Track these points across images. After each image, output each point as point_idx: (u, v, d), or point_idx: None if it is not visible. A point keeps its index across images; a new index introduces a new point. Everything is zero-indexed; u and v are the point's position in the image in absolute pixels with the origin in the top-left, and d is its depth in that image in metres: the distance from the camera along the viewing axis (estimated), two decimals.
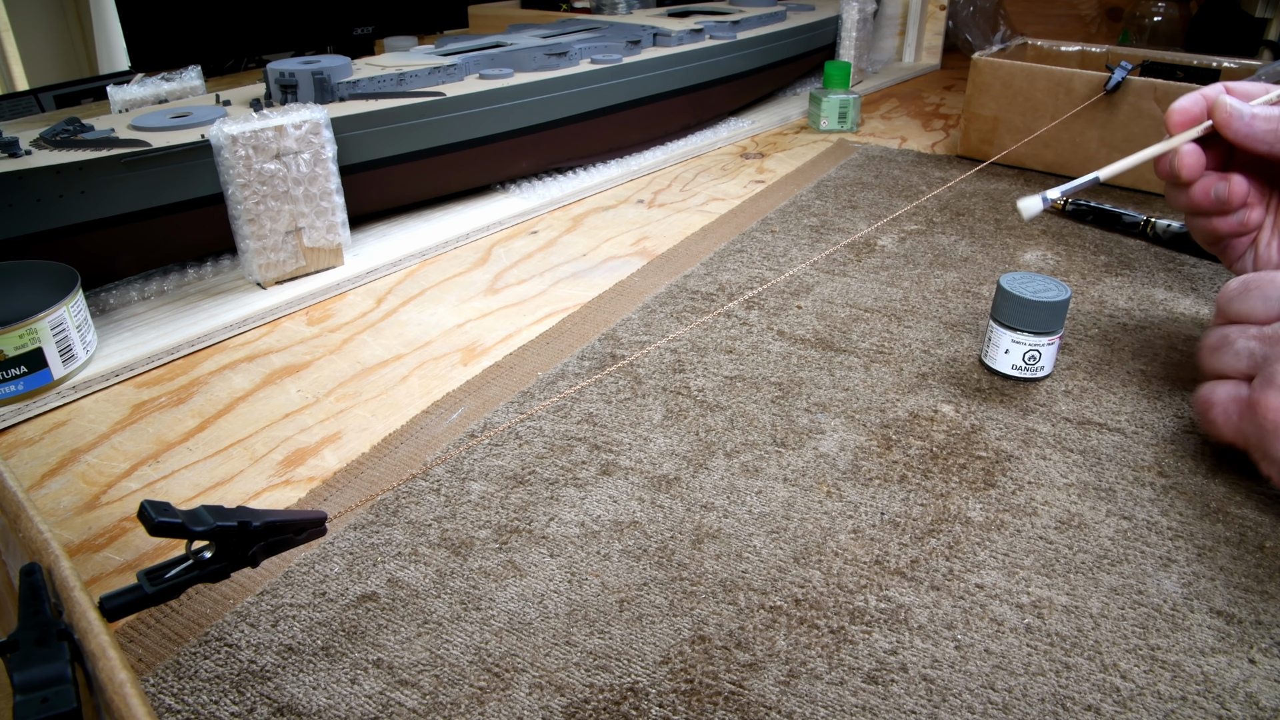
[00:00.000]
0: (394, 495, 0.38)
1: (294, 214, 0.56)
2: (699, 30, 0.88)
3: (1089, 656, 0.30)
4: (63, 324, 0.45)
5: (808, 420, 0.43)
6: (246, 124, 0.51)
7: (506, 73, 0.71)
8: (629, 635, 0.31)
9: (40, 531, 0.23)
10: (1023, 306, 0.44)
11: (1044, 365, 0.46)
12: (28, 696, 0.18)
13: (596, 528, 0.36)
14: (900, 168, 0.81)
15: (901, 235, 0.66)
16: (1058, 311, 0.44)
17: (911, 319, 0.53)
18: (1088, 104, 0.72)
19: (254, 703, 0.28)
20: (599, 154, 0.81)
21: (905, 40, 1.29)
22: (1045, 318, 0.44)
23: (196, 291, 0.57)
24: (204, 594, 0.33)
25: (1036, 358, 0.45)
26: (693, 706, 0.28)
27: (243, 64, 1.16)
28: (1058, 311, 0.44)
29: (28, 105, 0.99)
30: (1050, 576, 0.33)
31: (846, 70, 0.93)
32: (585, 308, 0.55)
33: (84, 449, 0.42)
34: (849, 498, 0.38)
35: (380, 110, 0.62)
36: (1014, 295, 0.44)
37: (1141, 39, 1.30)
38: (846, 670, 0.29)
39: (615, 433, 0.42)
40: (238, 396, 0.46)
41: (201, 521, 0.24)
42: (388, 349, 0.51)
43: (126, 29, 1.06)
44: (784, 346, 0.50)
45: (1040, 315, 0.44)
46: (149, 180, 0.52)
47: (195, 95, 0.68)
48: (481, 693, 0.28)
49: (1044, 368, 0.46)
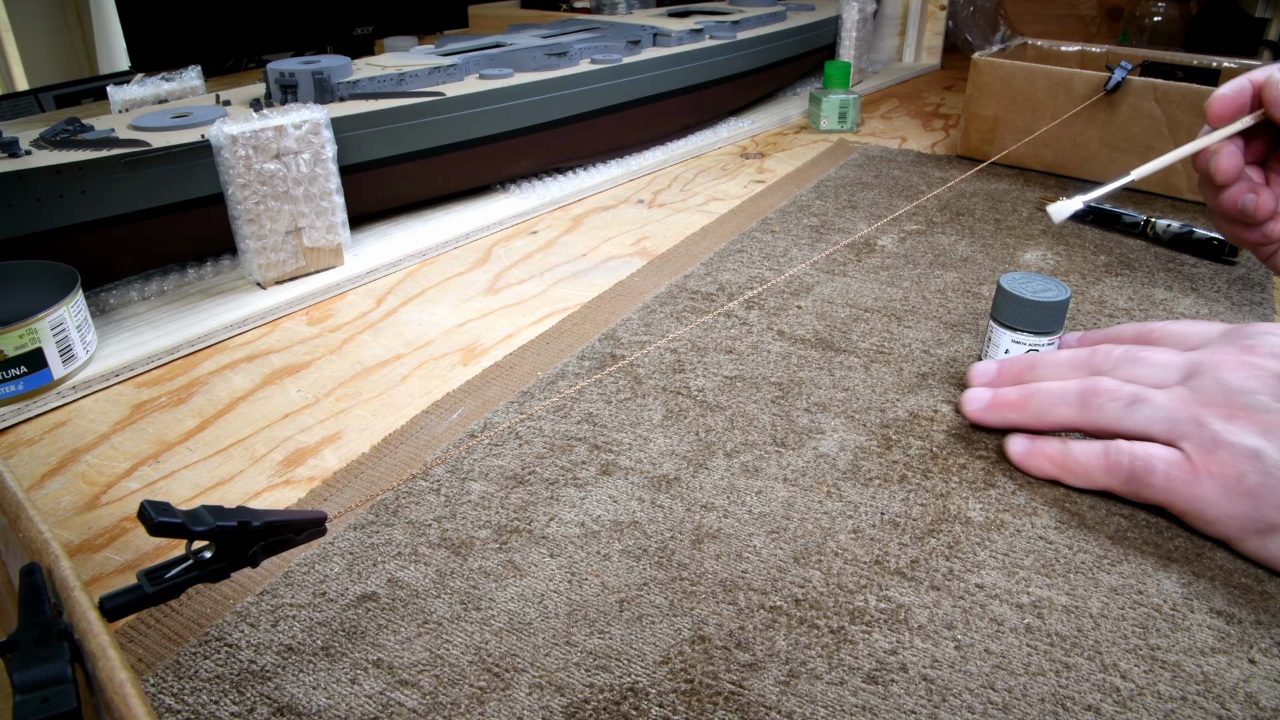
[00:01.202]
0: (394, 495, 0.38)
1: (294, 214, 0.56)
2: (699, 30, 0.89)
3: (1089, 656, 0.30)
4: (63, 324, 0.45)
5: (808, 420, 0.43)
6: (246, 124, 0.51)
7: (506, 73, 0.71)
8: (629, 635, 0.31)
9: (40, 531, 0.23)
10: (1023, 306, 0.44)
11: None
12: (28, 696, 0.18)
13: (596, 528, 0.36)
14: (900, 168, 0.81)
15: (901, 235, 0.66)
16: (1058, 311, 0.44)
17: (911, 319, 0.53)
18: (1088, 104, 0.72)
19: (254, 703, 0.28)
20: (599, 154, 0.81)
21: (905, 40, 1.29)
22: (1045, 317, 0.44)
23: (196, 291, 0.57)
24: (204, 594, 0.33)
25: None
26: (693, 706, 0.28)
27: (243, 64, 1.16)
28: (1058, 311, 0.44)
29: (28, 105, 0.99)
30: (1050, 576, 0.33)
31: (846, 70, 0.93)
32: (585, 308, 0.55)
33: (84, 449, 0.42)
34: (849, 498, 0.38)
35: (380, 110, 0.62)
36: (1014, 295, 0.44)
37: (1141, 39, 1.30)
38: (846, 670, 0.29)
39: (615, 433, 0.42)
40: (238, 396, 0.46)
41: (201, 521, 0.24)
42: (388, 349, 0.51)
43: (126, 29, 1.06)
44: (784, 346, 0.50)
45: (1040, 315, 0.44)
46: (149, 180, 0.52)
47: (195, 95, 0.68)
48: (481, 693, 0.28)
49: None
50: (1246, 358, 0.35)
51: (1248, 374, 0.34)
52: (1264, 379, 0.34)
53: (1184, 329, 0.39)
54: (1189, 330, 0.39)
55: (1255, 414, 0.33)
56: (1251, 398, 0.33)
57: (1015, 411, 0.40)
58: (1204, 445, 0.34)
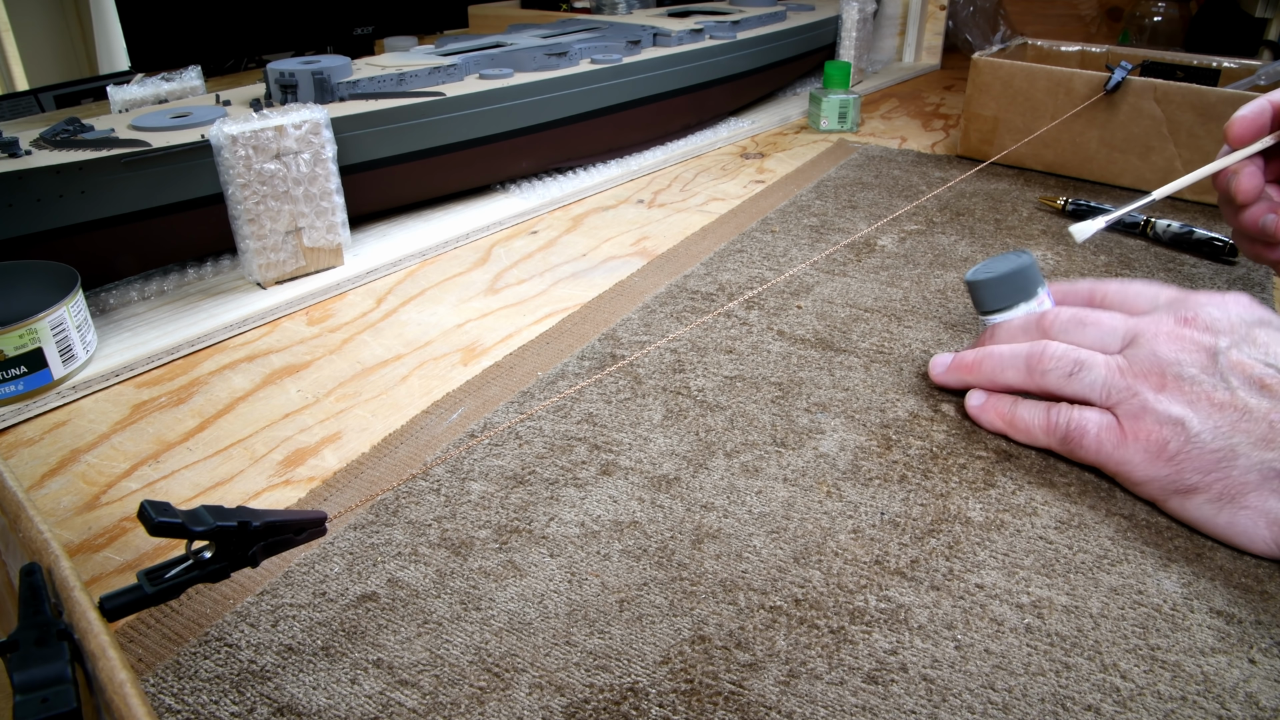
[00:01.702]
0: (394, 495, 0.38)
1: (294, 214, 0.56)
2: (699, 30, 0.89)
3: (1089, 656, 0.30)
4: (63, 324, 0.45)
5: (808, 420, 0.43)
6: (246, 124, 0.51)
7: (506, 73, 0.71)
8: (629, 635, 0.31)
9: (40, 531, 0.23)
10: (993, 287, 0.43)
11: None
12: (28, 696, 0.18)
13: (596, 528, 0.36)
14: (900, 168, 0.81)
15: (901, 235, 0.66)
16: (1026, 274, 0.43)
17: (911, 319, 0.53)
18: (1088, 104, 0.72)
19: (254, 703, 0.28)
20: (599, 154, 0.81)
21: (905, 40, 1.29)
22: (1019, 285, 0.43)
23: (196, 291, 0.57)
24: (204, 594, 0.33)
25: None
26: (693, 706, 0.28)
27: (243, 64, 1.16)
28: (1026, 274, 0.43)
29: (28, 105, 0.99)
30: (1050, 576, 0.33)
31: (846, 70, 0.93)
32: (585, 308, 0.55)
33: (84, 449, 0.42)
34: (849, 498, 0.38)
35: (380, 110, 0.62)
36: (981, 282, 0.44)
37: (1141, 39, 1.30)
38: (846, 670, 0.29)
39: (615, 433, 0.42)
40: (238, 396, 0.46)
41: (201, 521, 0.24)
42: (388, 349, 0.51)
43: (126, 29, 1.06)
44: (784, 346, 0.50)
45: (1013, 285, 0.43)
46: (149, 180, 0.52)
47: (195, 95, 0.68)
48: (481, 693, 0.28)
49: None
50: (1183, 330, 0.37)
51: (1180, 347, 0.37)
52: (1194, 353, 0.36)
53: (1136, 291, 0.42)
54: (1140, 293, 0.42)
55: (1183, 385, 0.36)
56: (1181, 369, 0.36)
57: (970, 374, 0.43)
58: (1133, 412, 0.37)
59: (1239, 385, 0.35)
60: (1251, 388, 0.35)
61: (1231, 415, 0.35)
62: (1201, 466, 0.35)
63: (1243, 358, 0.35)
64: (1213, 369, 0.36)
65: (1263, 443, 0.34)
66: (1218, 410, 0.35)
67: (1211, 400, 0.35)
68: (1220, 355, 0.36)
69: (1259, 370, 0.35)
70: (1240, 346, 0.36)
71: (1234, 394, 0.35)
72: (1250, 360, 0.35)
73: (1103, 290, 0.43)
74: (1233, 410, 0.35)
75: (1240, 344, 0.36)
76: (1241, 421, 0.34)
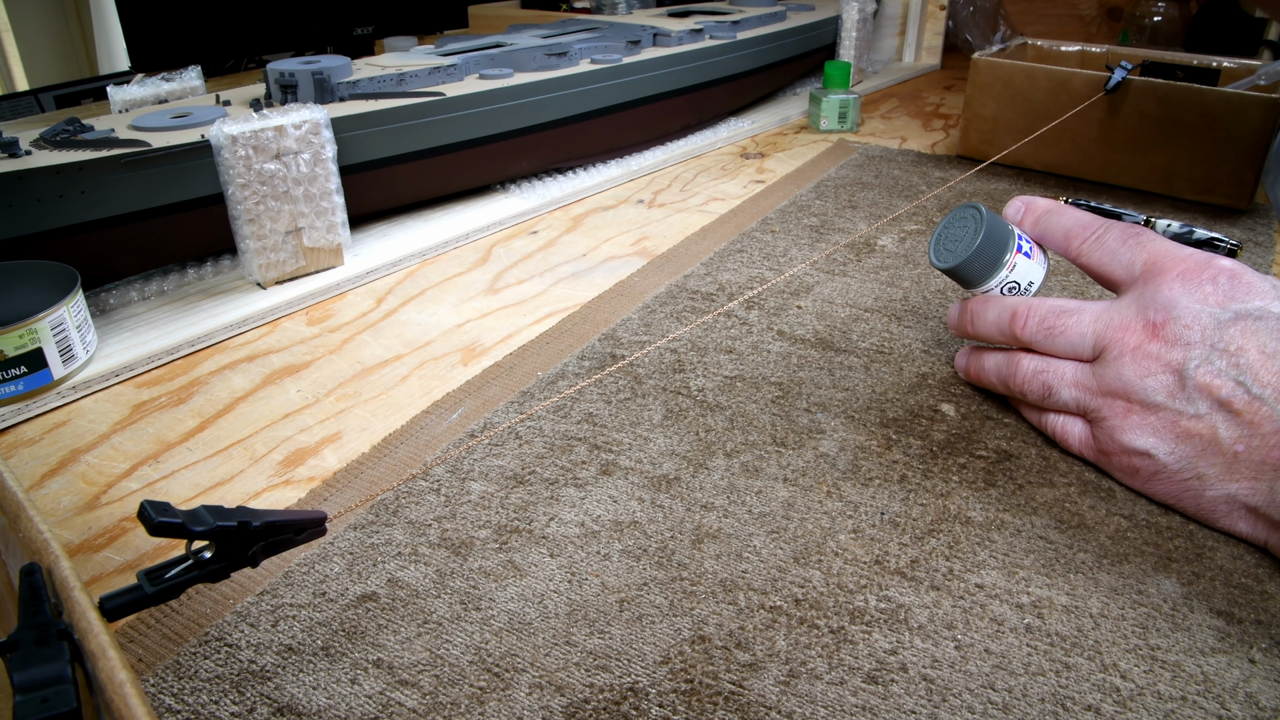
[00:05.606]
0: (394, 495, 0.38)
1: (294, 214, 0.56)
2: (699, 30, 0.88)
3: (1089, 656, 0.30)
4: (63, 324, 0.45)
5: (808, 420, 0.43)
6: (246, 124, 0.51)
7: (506, 73, 0.71)
8: (629, 635, 0.31)
9: (40, 531, 0.23)
10: (973, 268, 0.42)
11: (1033, 280, 0.42)
12: (28, 696, 0.18)
13: (596, 528, 0.36)
14: (900, 168, 0.81)
15: (901, 235, 0.66)
16: (994, 238, 0.41)
17: (911, 319, 0.53)
18: (1088, 104, 0.72)
19: (254, 703, 0.28)
20: (599, 154, 0.81)
21: (905, 40, 1.29)
22: (994, 255, 0.41)
23: (196, 291, 0.57)
24: (204, 594, 0.33)
25: (1016, 287, 0.42)
26: (693, 706, 0.28)
27: (243, 64, 1.16)
28: (994, 238, 0.41)
29: (28, 105, 0.99)
30: (1050, 576, 0.33)
31: (846, 70, 0.93)
32: (585, 308, 0.55)
33: (84, 449, 0.42)
34: (849, 497, 0.38)
35: (380, 110, 0.62)
36: (958, 267, 0.42)
37: (1141, 39, 1.30)
38: (846, 670, 0.29)
39: (615, 433, 0.42)
40: (238, 396, 0.46)
41: (201, 521, 0.24)
42: (388, 349, 0.51)
43: (126, 29, 1.06)
44: (784, 346, 0.50)
45: (987, 259, 0.41)
46: (149, 180, 0.52)
47: (195, 95, 0.68)
48: (481, 693, 0.28)
49: (1034, 282, 0.43)
50: (1150, 345, 0.36)
51: (1145, 370, 0.36)
52: (1161, 374, 0.36)
53: (1112, 251, 0.40)
54: (1116, 256, 0.40)
55: (1149, 413, 0.36)
56: (1146, 395, 0.36)
57: (966, 373, 0.46)
58: (1104, 437, 0.38)
59: (1207, 411, 0.34)
60: (1219, 411, 0.34)
61: (1198, 444, 0.35)
62: (1172, 492, 0.36)
63: (1211, 378, 0.34)
64: (1180, 393, 0.35)
65: (1228, 473, 0.34)
66: (1184, 440, 0.35)
67: (1177, 430, 0.35)
68: (1188, 377, 0.35)
69: (1226, 391, 0.34)
70: (1211, 360, 0.34)
71: (1201, 420, 0.34)
72: (1218, 381, 0.34)
73: (1080, 238, 0.41)
74: (1199, 439, 0.35)
75: (1211, 356, 0.34)
76: (1207, 452, 0.34)
